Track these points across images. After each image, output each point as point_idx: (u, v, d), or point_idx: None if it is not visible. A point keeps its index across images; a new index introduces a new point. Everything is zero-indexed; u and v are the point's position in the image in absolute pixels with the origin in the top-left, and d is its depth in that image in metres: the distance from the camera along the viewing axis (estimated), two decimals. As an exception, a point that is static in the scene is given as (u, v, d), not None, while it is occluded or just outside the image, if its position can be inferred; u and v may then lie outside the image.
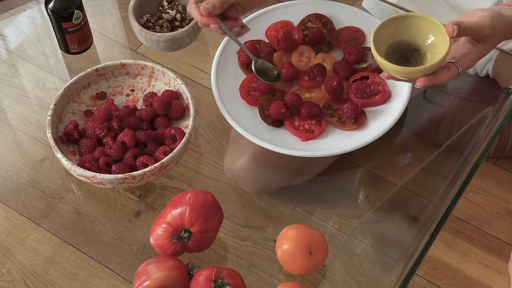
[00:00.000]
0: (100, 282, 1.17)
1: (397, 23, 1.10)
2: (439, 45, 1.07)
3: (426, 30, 1.10)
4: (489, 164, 1.70)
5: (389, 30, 1.10)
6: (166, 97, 1.26)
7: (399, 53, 1.11)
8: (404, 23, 1.10)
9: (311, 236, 1.12)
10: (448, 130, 1.46)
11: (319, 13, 1.37)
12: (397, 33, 1.11)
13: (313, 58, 1.33)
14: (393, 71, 1.07)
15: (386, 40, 1.10)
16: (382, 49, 1.10)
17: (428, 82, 1.05)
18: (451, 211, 1.14)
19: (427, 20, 1.09)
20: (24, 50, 1.48)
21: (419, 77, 1.06)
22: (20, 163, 1.31)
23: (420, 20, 1.10)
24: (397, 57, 1.11)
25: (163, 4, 1.40)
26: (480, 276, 1.55)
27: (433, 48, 1.09)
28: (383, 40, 1.10)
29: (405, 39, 1.11)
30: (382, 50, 1.10)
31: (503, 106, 1.30)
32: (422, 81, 1.05)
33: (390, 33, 1.10)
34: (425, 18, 1.09)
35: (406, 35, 1.11)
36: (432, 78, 1.06)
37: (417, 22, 1.10)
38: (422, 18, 1.09)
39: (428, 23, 1.09)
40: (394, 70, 1.07)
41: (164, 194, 1.27)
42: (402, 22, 1.10)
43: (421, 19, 1.10)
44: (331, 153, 1.21)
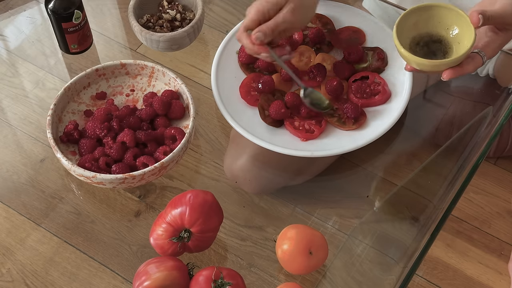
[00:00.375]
0: (100, 282, 1.17)
1: (419, 14, 1.08)
2: (463, 35, 1.06)
3: (449, 20, 1.08)
4: (489, 164, 1.70)
5: (411, 22, 1.08)
6: (166, 97, 1.26)
7: (422, 45, 1.10)
8: (426, 14, 1.08)
9: (311, 236, 1.12)
10: (448, 130, 1.46)
11: (319, 13, 1.37)
12: (419, 25, 1.09)
13: (313, 58, 1.33)
14: (418, 64, 1.05)
15: (408, 32, 1.08)
16: (406, 41, 1.08)
17: (454, 74, 1.04)
18: (451, 211, 1.14)
19: (450, 9, 1.07)
20: (24, 50, 1.48)
21: (444, 70, 1.05)
22: (20, 163, 1.31)
23: (442, 10, 1.08)
24: (420, 49, 1.09)
25: (163, 4, 1.40)
26: (480, 276, 1.55)
27: (456, 38, 1.08)
28: (405, 32, 1.08)
29: (428, 30, 1.09)
30: (405, 42, 1.08)
31: (503, 106, 1.30)
32: (448, 73, 1.04)
33: (412, 25, 1.08)
34: (448, 7, 1.07)
35: (429, 26, 1.09)
36: (458, 69, 1.04)
37: (439, 12, 1.08)
38: (444, 8, 1.07)
39: (451, 13, 1.07)
40: (419, 63, 1.05)
41: (164, 194, 1.27)
42: (424, 13, 1.08)
43: (444, 9, 1.07)
44: (331, 153, 1.21)
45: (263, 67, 1.31)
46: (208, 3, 1.54)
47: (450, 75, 1.04)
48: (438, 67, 1.05)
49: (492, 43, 1.06)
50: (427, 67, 1.06)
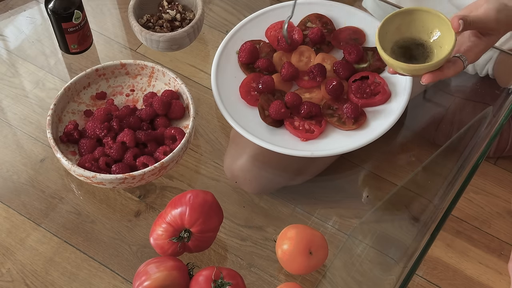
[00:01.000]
0: (100, 282, 1.17)
1: (402, 18, 1.09)
2: (445, 39, 1.06)
3: (431, 24, 1.08)
4: (489, 164, 1.70)
5: (394, 26, 1.09)
6: (166, 97, 1.26)
7: (405, 48, 1.10)
8: (409, 17, 1.09)
9: (311, 236, 1.12)
10: (448, 130, 1.46)
11: (319, 13, 1.37)
12: (402, 28, 1.10)
13: (313, 58, 1.33)
14: (398, 68, 1.07)
15: (391, 36, 1.09)
16: (388, 45, 1.09)
17: (433, 78, 1.05)
18: (451, 211, 1.14)
19: (432, 14, 1.08)
20: (24, 50, 1.48)
21: (424, 73, 1.06)
22: (20, 163, 1.31)
23: (425, 15, 1.09)
24: (403, 52, 1.10)
25: (163, 4, 1.40)
26: (480, 276, 1.55)
27: (438, 43, 1.08)
28: (388, 36, 1.09)
29: (410, 34, 1.10)
30: (387, 46, 1.09)
31: (503, 106, 1.30)
32: (428, 77, 1.05)
33: (395, 29, 1.09)
34: (430, 12, 1.08)
35: (411, 30, 1.10)
36: (438, 74, 1.05)
37: (422, 16, 1.09)
38: (427, 12, 1.08)
39: (433, 17, 1.08)
40: (400, 67, 1.06)
41: (164, 194, 1.27)
42: (407, 17, 1.09)
43: (426, 13, 1.08)
44: (331, 153, 1.21)
45: (263, 67, 1.31)
46: (208, 3, 1.54)
47: (429, 79, 1.05)
48: (417, 71, 1.06)
49: (474, 47, 1.07)
50: (407, 71, 1.07)
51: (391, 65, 1.07)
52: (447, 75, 1.05)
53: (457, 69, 1.06)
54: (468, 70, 1.50)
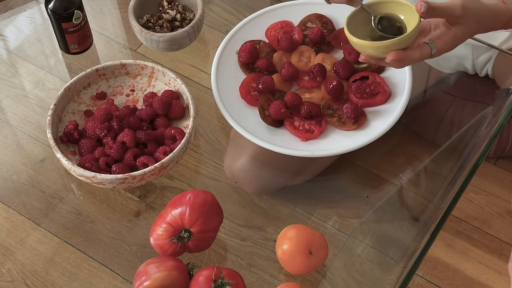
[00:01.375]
0: (100, 282, 1.17)
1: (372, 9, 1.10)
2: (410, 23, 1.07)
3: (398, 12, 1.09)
4: (489, 164, 1.70)
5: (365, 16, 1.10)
6: (166, 97, 1.26)
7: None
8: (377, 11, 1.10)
9: (311, 236, 1.12)
10: (448, 130, 1.46)
11: (319, 13, 1.37)
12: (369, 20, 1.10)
13: (313, 58, 1.33)
14: (364, 47, 1.06)
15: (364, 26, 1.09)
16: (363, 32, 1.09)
17: (398, 56, 1.04)
18: (451, 211, 1.14)
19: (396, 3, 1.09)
20: (24, 50, 1.48)
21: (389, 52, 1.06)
22: (20, 163, 1.31)
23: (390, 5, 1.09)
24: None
25: (163, 4, 1.40)
26: (480, 276, 1.55)
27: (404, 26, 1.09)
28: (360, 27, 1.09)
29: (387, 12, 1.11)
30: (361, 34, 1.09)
31: (503, 106, 1.30)
32: (392, 54, 1.05)
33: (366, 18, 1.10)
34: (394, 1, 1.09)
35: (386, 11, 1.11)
36: (402, 53, 1.05)
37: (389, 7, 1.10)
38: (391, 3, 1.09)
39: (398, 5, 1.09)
40: (364, 45, 1.06)
41: (164, 194, 1.27)
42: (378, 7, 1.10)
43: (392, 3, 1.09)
44: (331, 153, 1.21)
45: (263, 67, 1.31)
46: (208, 3, 1.55)
47: (393, 57, 1.04)
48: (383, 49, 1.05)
49: (443, 36, 1.07)
50: (370, 49, 1.06)
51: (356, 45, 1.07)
52: (412, 56, 1.05)
53: (424, 53, 1.06)
54: (468, 70, 1.50)
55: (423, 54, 1.06)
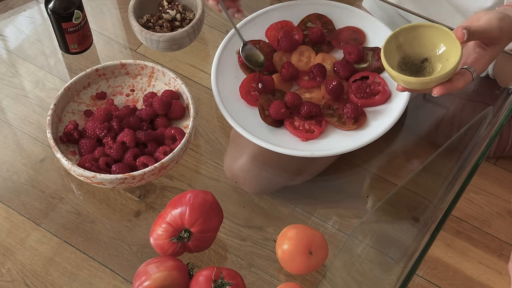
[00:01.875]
0: (100, 282, 1.17)
1: (404, 35, 1.10)
2: (451, 52, 1.07)
3: (435, 38, 1.10)
4: (489, 164, 1.70)
5: (398, 43, 1.10)
6: (166, 97, 1.26)
7: (410, 65, 1.11)
8: (412, 34, 1.10)
9: (311, 236, 1.12)
10: (448, 130, 1.46)
11: (319, 13, 1.37)
12: (405, 45, 1.11)
13: (313, 58, 1.33)
14: (407, 83, 1.07)
15: (396, 53, 1.11)
16: (394, 61, 1.10)
17: (444, 90, 1.05)
18: (451, 211, 1.14)
19: (435, 28, 1.09)
20: (24, 50, 1.48)
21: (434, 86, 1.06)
22: (20, 163, 1.31)
23: (428, 29, 1.10)
24: (408, 69, 1.11)
25: (163, 4, 1.40)
26: (480, 276, 1.55)
27: (444, 56, 1.09)
28: (393, 53, 1.10)
29: (414, 50, 1.11)
30: (394, 62, 1.10)
31: (503, 106, 1.30)
32: (438, 89, 1.06)
33: (399, 45, 1.10)
34: (433, 26, 1.09)
35: (414, 46, 1.11)
36: (448, 85, 1.06)
37: (425, 32, 1.10)
38: (430, 27, 1.09)
39: (436, 31, 1.09)
40: (408, 81, 1.06)
41: (164, 194, 1.27)
42: (410, 33, 1.10)
43: (429, 28, 1.09)
44: (331, 153, 1.21)
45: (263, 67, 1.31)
46: (208, 3, 1.54)
47: (440, 91, 1.06)
48: (427, 84, 1.06)
49: (481, 58, 1.08)
50: (416, 85, 1.07)
51: (399, 80, 1.08)
52: (457, 86, 1.06)
53: (466, 80, 1.07)
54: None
55: (466, 82, 1.07)
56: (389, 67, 1.07)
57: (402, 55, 1.11)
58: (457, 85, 1.06)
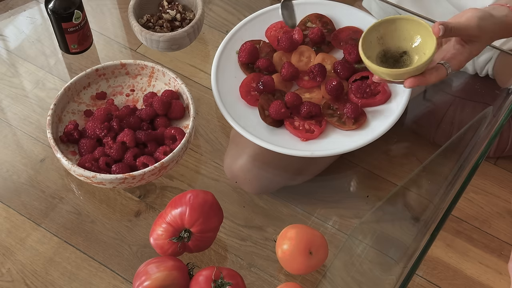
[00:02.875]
0: (100, 282, 1.17)
1: (385, 27, 1.12)
2: (426, 45, 1.08)
3: (413, 32, 1.11)
4: (489, 164, 1.70)
5: (377, 35, 1.11)
6: (166, 97, 1.26)
7: (389, 57, 1.12)
8: (391, 26, 1.12)
9: (311, 236, 1.12)
10: (448, 130, 1.46)
11: (319, 13, 1.37)
12: (385, 37, 1.12)
13: (313, 58, 1.33)
14: (381, 73, 1.08)
15: (375, 45, 1.12)
16: (373, 54, 1.11)
17: (416, 83, 1.06)
18: (451, 211, 1.14)
19: (414, 21, 1.10)
20: (24, 50, 1.48)
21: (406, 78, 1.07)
22: (20, 163, 1.31)
23: (407, 22, 1.11)
24: (387, 60, 1.12)
25: (163, 4, 1.40)
26: (480, 276, 1.55)
27: (421, 49, 1.10)
28: (373, 46, 1.11)
29: (393, 43, 1.12)
30: (372, 55, 1.11)
31: (503, 106, 1.30)
32: (410, 81, 1.07)
33: (378, 38, 1.12)
34: (412, 19, 1.10)
35: (394, 39, 1.12)
36: (420, 78, 1.06)
37: (404, 25, 1.11)
38: (408, 20, 1.10)
39: (415, 25, 1.10)
40: (383, 72, 1.08)
41: (164, 194, 1.27)
42: (389, 26, 1.12)
43: (408, 21, 1.10)
44: (331, 153, 1.21)
45: (263, 67, 1.31)
46: (208, 3, 1.55)
47: (411, 84, 1.07)
48: (401, 76, 1.07)
49: (458, 55, 1.09)
50: (391, 76, 1.08)
51: (375, 71, 1.09)
52: (429, 80, 1.07)
53: (440, 75, 1.08)
54: (468, 70, 1.50)
55: (439, 76, 1.07)
56: (364, 57, 1.08)
57: (383, 48, 1.12)
58: (429, 79, 1.07)
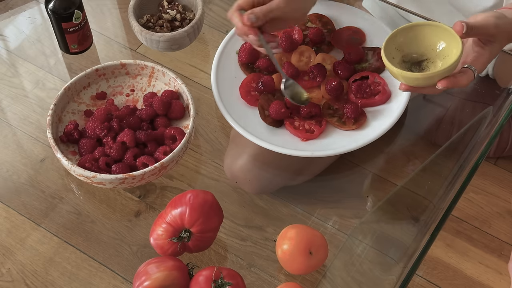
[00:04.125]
0: (100, 282, 1.17)
1: (404, 34, 1.11)
2: (450, 47, 1.08)
3: (433, 36, 1.11)
4: (489, 164, 1.70)
5: (398, 43, 1.11)
6: (166, 97, 1.26)
7: (410, 64, 1.12)
8: (410, 33, 1.11)
9: (311, 236, 1.12)
10: (448, 130, 1.46)
11: (319, 13, 1.37)
12: (405, 45, 1.11)
13: (313, 58, 1.33)
14: (411, 79, 1.07)
15: (396, 53, 1.11)
16: (395, 62, 1.11)
17: (449, 83, 1.06)
18: (451, 211, 1.14)
19: (433, 26, 1.10)
20: (24, 50, 1.48)
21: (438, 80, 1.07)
22: (20, 163, 1.31)
23: (425, 28, 1.10)
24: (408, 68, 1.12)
25: (163, 4, 1.40)
26: (480, 276, 1.55)
27: (443, 53, 1.10)
28: (393, 54, 1.11)
29: (413, 50, 1.12)
30: (394, 63, 1.10)
31: (503, 106, 1.30)
32: (443, 82, 1.06)
33: (398, 46, 1.11)
34: (431, 24, 1.10)
35: (413, 46, 1.12)
36: (452, 79, 1.07)
37: (423, 30, 1.11)
38: (427, 26, 1.10)
39: (434, 29, 1.10)
40: (413, 78, 1.07)
41: (164, 194, 1.27)
42: (408, 33, 1.11)
43: (427, 26, 1.10)
44: (331, 153, 1.21)
45: (263, 67, 1.31)
46: (208, 3, 1.55)
47: (445, 84, 1.06)
48: (431, 78, 1.07)
49: (480, 57, 1.10)
50: (420, 81, 1.07)
51: (403, 77, 1.08)
52: (461, 82, 1.07)
53: (469, 78, 1.08)
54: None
55: (469, 80, 1.08)
56: (392, 66, 1.07)
57: (402, 56, 1.12)
58: (461, 81, 1.07)
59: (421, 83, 1.08)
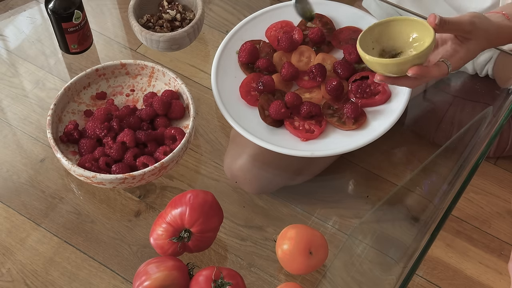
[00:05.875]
0: (100, 282, 1.18)
1: (380, 30, 1.12)
2: (423, 38, 1.09)
3: (409, 31, 1.11)
4: (489, 164, 1.70)
5: (374, 37, 1.11)
6: (166, 97, 1.26)
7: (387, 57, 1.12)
8: (387, 28, 1.12)
9: (311, 236, 1.12)
10: (448, 130, 1.46)
11: (319, 13, 1.37)
12: (381, 40, 1.12)
13: (313, 58, 1.33)
14: (383, 65, 1.07)
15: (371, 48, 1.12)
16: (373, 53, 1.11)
17: (419, 71, 1.06)
18: (451, 211, 1.14)
19: (408, 20, 1.11)
20: (24, 50, 1.48)
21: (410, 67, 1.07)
22: (20, 163, 1.31)
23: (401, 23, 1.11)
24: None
25: (163, 4, 1.40)
26: (480, 276, 1.55)
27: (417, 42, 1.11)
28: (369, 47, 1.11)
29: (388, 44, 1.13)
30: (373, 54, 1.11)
31: (503, 106, 1.30)
32: (414, 69, 1.06)
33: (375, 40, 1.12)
34: (406, 19, 1.11)
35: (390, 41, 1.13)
36: (424, 68, 1.06)
37: (399, 25, 1.12)
38: (402, 21, 1.11)
39: (409, 23, 1.11)
40: (384, 64, 1.07)
41: (164, 194, 1.27)
42: (385, 28, 1.12)
43: (402, 21, 1.11)
44: (331, 153, 1.21)
45: (263, 67, 1.31)
46: (208, 3, 1.55)
47: (415, 71, 1.06)
48: (402, 65, 1.06)
49: (456, 53, 1.10)
50: (391, 67, 1.07)
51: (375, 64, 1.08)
52: (432, 72, 1.07)
53: (442, 71, 1.08)
54: (468, 70, 1.50)
55: (441, 72, 1.08)
56: (364, 53, 1.08)
57: (379, 50, 1.12)
58: (432, 71, 1.07)
59: (393, 70, 1.08)
